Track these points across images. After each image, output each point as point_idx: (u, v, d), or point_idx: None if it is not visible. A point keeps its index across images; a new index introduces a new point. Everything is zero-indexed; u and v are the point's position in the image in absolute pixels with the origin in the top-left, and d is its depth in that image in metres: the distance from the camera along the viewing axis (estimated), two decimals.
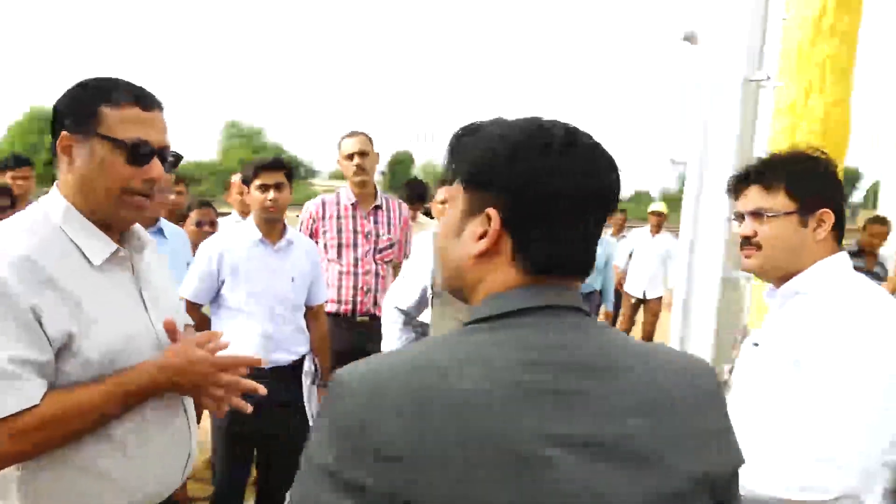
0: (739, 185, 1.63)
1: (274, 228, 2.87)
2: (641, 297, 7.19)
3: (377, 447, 0.75)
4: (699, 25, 4.73)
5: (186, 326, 1.69)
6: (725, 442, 0.89)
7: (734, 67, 4.37)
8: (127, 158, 1.36)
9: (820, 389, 1.37)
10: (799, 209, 1.55)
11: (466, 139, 0.93)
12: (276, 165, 2.80)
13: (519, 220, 0.86)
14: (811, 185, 1.56)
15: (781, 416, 1.45)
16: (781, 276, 1.59)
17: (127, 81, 1.42)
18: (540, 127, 0.88)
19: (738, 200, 1.64)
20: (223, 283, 2.77)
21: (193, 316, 2.39)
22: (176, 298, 1.65)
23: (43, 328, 1.26)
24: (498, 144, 0.88)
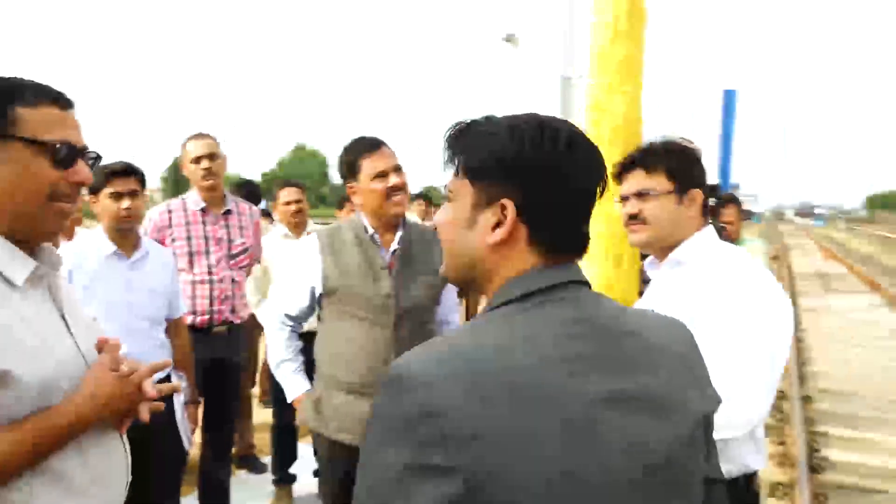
0: (624, 170, 1.84)
1: (128, 239, 2.67)
2: None
3: (453, 430, 0.79)
4: (518, 27, 5.07)
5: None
6: (709, 386, 1.03)
7: (552, 66, 4.77)
8: (52, 161, 1.25)
9: (718, 341, 1.58)
10: (676, 189, 1.78)
11: (467, 135, 0.99)
12: (128, 171, 2.60)
13: (533, 207, 0.94)
14: (685, 168, 1.81)
15: None
16: (663, 247, 1.82)
17: (32, 80, 1.29)
18: (543, 123, 0.96)
19: (622, 184, 1.85)
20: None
21: None
22: (90, 319, 1.52)
23: None
24: (506, 139, 0.94)
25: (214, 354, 3.28)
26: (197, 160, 3.27)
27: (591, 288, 0.99)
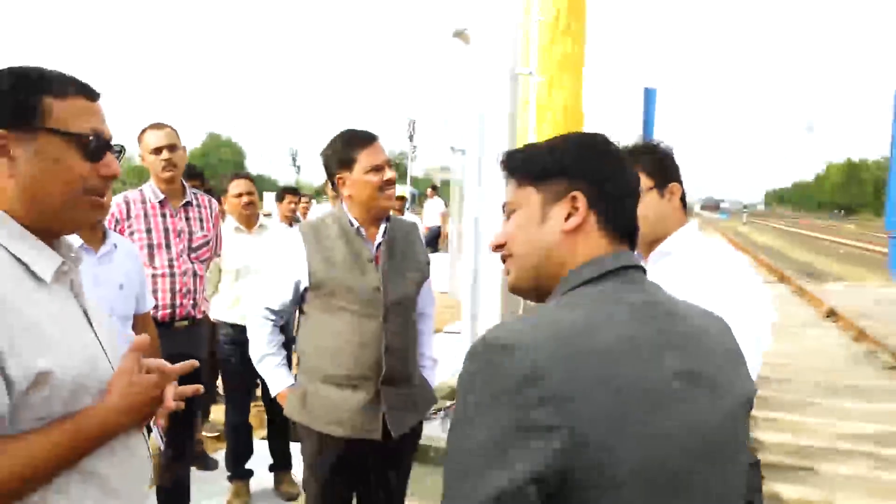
0: None
1: (94, 233, 2.57)
2: None
3: (554, 392, 0.86)
4: (469, 23, 5.11)
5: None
6: (747, 370, 1.13)
7: (503, 63, 4.83)
8: (84, 154, 1.22)
9: None
10: (656, 185, 1.88)
11: (521, 153, 1.12)
12: None
13: (599, 196, 1.05)
14: (662, 165, 1.92)
15: None
16: (651, 241, 1.92)
17: (58, 71, 1.25)
18: (583, 132, 1.12)
19: None
20: None
21: None
22: (106, 314, 1.48)
23: (5, 372, 1.09)
24: (562, 145, 1.09)
25: (176, 350, 3.16)
26: (157, 151, 3.17)
27: (645, 272, 1.08)
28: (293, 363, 2.73)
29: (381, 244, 2.38)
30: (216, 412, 4.98)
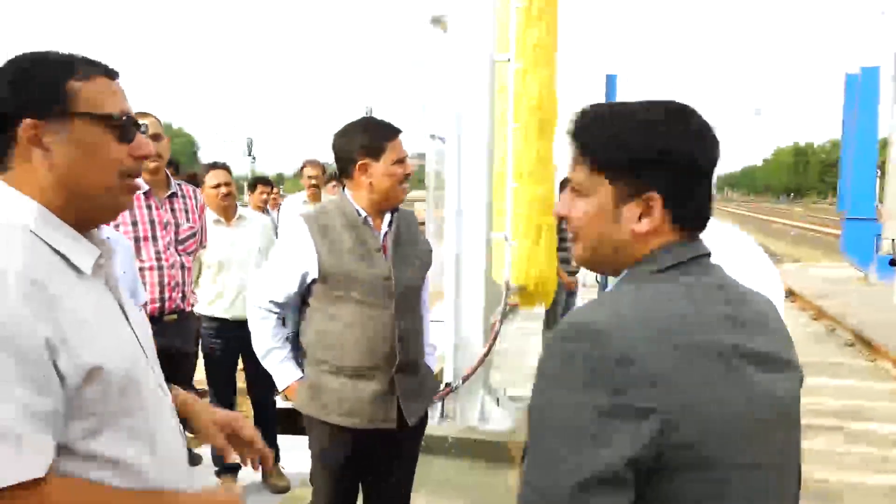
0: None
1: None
2: None
3: (645, 374, 0.88)
4: (447, 10, 5.07)
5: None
6: (794, 352, 1.16)
7: (482, 49, 4.82)
8: (118, 136, 1.18)
9: None
10: None
11: (595, 128, 1.06)
12: None
13: (674, 195, 1.03)
14: None
15: None
16: None
17: (71, 52, 1.21)
18: (671, 112, 1.05)
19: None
20: None
21: None
22: (138, 309, 1.44)
23: (58, 368, 1.05)
24: (641, 135, 1.02)
25: (165, 343, 3.12)
26: None
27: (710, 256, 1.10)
28: None
29: (387, 233, 2.37)
30: None
